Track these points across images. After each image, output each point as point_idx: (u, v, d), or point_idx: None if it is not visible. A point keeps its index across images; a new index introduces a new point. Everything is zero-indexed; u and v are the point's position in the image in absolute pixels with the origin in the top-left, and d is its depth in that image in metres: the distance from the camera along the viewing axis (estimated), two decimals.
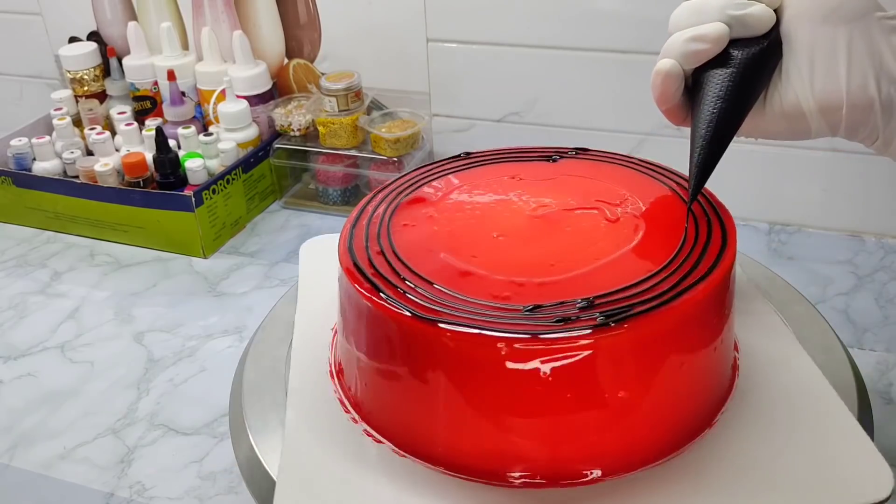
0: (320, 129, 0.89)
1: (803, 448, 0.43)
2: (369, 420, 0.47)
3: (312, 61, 0.97)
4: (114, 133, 0.94)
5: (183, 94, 0.93)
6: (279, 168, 0.93)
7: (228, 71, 0.91)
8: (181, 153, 0.89)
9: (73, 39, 1.02)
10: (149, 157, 0.87)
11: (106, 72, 0.99)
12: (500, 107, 0.90)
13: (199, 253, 0.84)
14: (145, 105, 0.97)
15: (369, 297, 0.44)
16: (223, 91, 0.91)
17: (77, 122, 0.97)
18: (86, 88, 0.99)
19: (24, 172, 0.90)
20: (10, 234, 0.91)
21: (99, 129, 0.92)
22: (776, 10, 0.45)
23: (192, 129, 0.89)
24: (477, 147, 0.60)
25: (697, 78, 0.46)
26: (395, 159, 0.87)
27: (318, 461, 0.45)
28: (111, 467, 0.60)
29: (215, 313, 0.76)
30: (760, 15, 0.44)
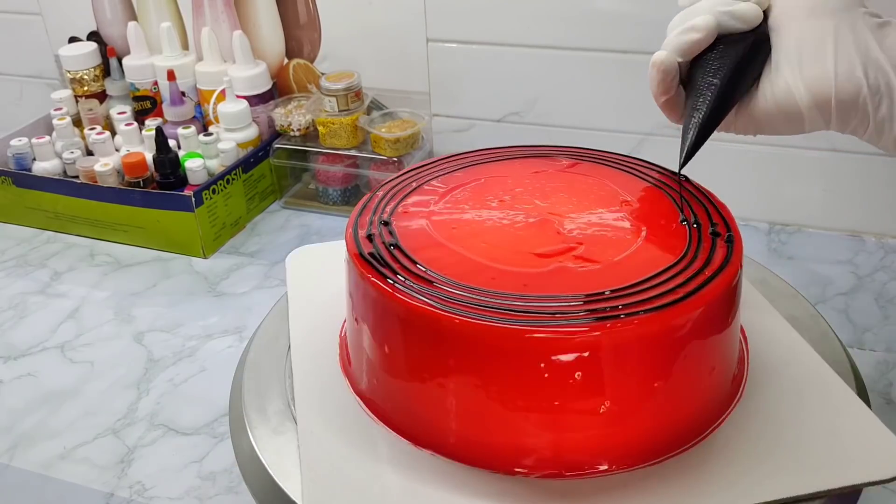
0: (320, 129, 0.89)
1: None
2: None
3: (312, 61, 0.97)
4: (114, 133, 0.94)
5: (183, 94, 0.93)
6: (279, 168, 0.93)
7: (228, 71, 0.91)
8: (181, 153, 0.89)
9: (73, 39, 1.02)
10: (149, 157, 0.87)
11: (106, 72, 0.99)
12: (500, 107, 0.90)
13: (199, 253, 0.84)
14: (145, 105, 0.97)
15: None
16: (223, 91, 0.91)
17: (77, 122, 0.97)
18: (86, 88, 0.99)
19: (24, 172, 0.90)
20: (10, 234, 0.91)
21: (99, 129, 0.92)
22: (764, 12, 0.47)
23: (192, 129, 0.89)
24: (477, 147, 0.60)
25: (692, 71, 0.48)
26: (395, 159, 0.87)
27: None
28: (111, 467, 0.60)
29: (215, 313, 0.76)
30: (748, 8, 0.46)
